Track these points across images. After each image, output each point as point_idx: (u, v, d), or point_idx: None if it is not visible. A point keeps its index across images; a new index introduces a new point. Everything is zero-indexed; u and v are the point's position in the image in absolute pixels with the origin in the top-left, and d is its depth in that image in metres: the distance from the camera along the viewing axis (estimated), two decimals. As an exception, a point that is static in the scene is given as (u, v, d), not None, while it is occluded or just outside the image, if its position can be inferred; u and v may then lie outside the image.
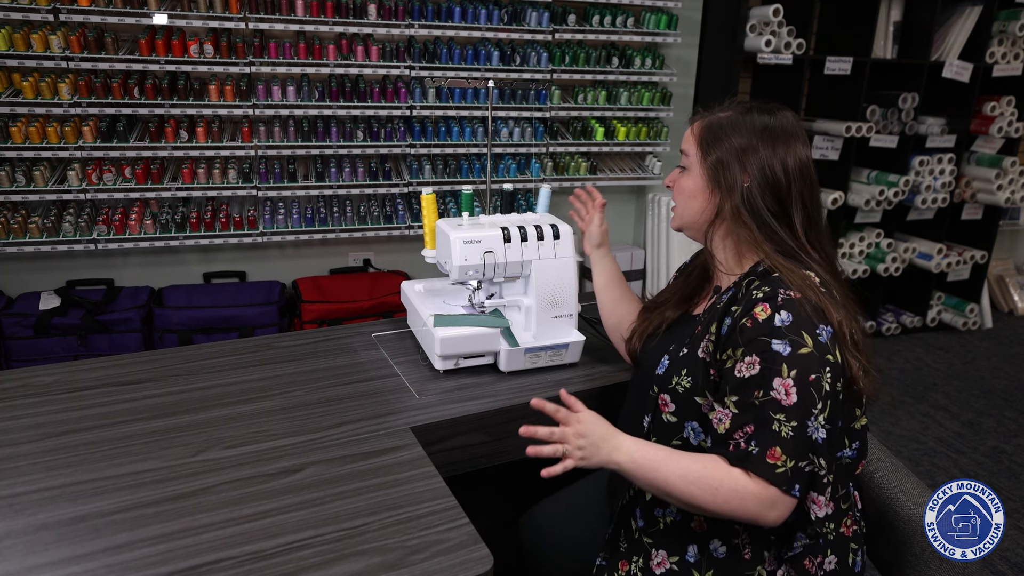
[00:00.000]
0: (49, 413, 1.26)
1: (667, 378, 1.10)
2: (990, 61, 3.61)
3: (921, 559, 1.05)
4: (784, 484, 0.93)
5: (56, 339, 2.52)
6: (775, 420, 0.94)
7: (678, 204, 1.20)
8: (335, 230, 2.86)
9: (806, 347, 0.96)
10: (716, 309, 1.09)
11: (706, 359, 1.06)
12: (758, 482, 0.94)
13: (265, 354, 1.51)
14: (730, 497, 0.94)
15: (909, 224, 3.88)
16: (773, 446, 0.94)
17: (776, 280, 1.02)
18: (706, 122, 1.16)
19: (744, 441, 0.96)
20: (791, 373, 0.95)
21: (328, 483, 1.09)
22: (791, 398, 0.94)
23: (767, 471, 0.93)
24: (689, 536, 1.08)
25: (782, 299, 0.99)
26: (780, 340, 0.96)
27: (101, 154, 2.52)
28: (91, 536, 0.96)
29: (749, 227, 1.09)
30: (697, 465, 0.97)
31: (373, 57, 2.75)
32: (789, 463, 0.93)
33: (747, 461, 0.95)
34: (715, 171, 1.13)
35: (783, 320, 0.97)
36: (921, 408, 3.09)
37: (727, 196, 1.11)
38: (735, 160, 1.11)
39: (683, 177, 1.19)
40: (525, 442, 1.40)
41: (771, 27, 3.18)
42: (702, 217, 1.16)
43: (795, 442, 0.93)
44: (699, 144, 1.15)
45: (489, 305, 1.48)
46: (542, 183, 2.14)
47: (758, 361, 0.97)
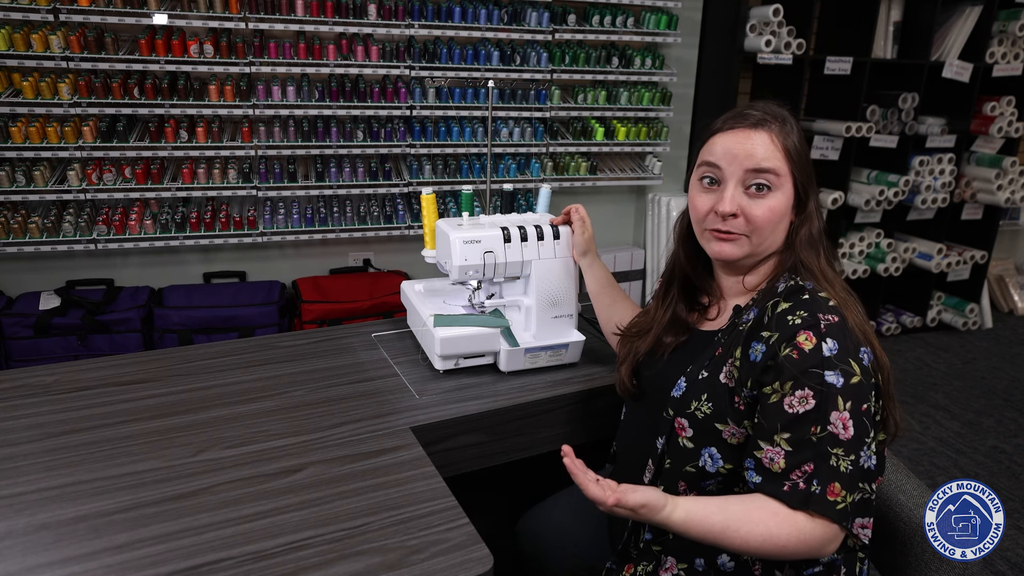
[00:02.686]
0: (49, 413, 1.25)
1: (685, 402, 1.05)
2: (990, 61, 3.61)
3: (922, 559, 1.05)
4: (844, 520, 0.91)
5: (56, 339, 2.52)
6: (833, 455, 0.91)
7: (761, 231, 1.05)
8: (335, 230, 2.86)
9: (856, 375, 0.93)
10: (739, 331, 1.03)
11: (729, 384, 1.01)
12: (820, 522, 0.91)
13: (265, 354, 1.51)
14: (798, 548, 0.91)
15: (909, 224, 3.88)
16: (833, 482, 0.90)
17: (808, 303, 0.98)
18: (785, 131, 1.06)
19: (804, 481, 0.91)
20: (847, 406, 0.91)
21: (328, 483, 1.09)
22: (848, 432, 0.91)
23: (829, 509, 0.90)
24: (697, 548, 1.05)
25: (825, 326, 0.94)
26: (832, 371, 0.92)
27: (101, 154, 2.52)
28: (91, 536, 0.96)
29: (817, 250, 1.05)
30: (760, 528, 0.91)
31: (373, 57, 2.75)
32: (848, 498, 0.91)
33: (809, 503, 0.91)
34: (805, 192, 1.06)
35: (831, 349, 0.93)
36: (921, 408, 3.09)
37: (809, 220, 1.06)
38: (814, 180, 1.06)
39: (769, 199, 1.04)
40: (525, 442, 1.41)
41: (771, 27, 3.18)
42: (778, 243, 1.08)
43: (852, 475, 0.91)
44: (788, 158, 1.04)
45: (489, 305, 1.48)
46: (542, 183, 2.14)
47: (812, 395, 0.92)
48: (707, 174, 1.09)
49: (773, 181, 1.04)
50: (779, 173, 1.04)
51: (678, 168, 3.51)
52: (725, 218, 1.05)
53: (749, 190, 1.05)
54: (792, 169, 1.05)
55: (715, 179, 1.08)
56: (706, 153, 1.09)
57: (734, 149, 1.05)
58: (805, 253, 1.05)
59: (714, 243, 1.09)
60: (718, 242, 1.08)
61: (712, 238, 1.09)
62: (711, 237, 1.09)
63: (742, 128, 1.06)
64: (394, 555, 0.94)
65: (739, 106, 1.11)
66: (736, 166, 1.05)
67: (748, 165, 1.04)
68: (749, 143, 1.04)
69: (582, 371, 1.49)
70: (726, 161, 1.05)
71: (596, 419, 1.45)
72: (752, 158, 1.04)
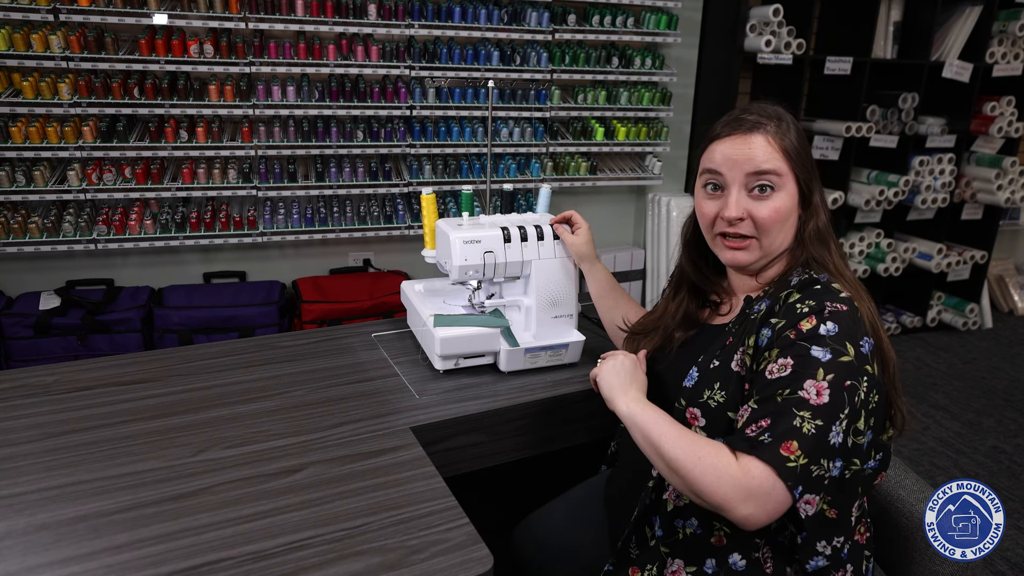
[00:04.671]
0: (49, 413, 1.25)
1: (697, 391, 1.05)
2: (990, 61, 3.61)
3: (925, 555, 1.05)
4: (790, 479, 0.87)
5: (56, 339, 2.52)
6: (797, 416, 0.90)
7: (769, 232, 1.06)
8: (335, 230, 2.86)
9: (847, 356, 0.92)
10: (751, 321, 1.03)
11: (741, 372, 1.01)
12: (752, 468, 0.88)
13: (265, 354, 1.51)
14: (707, 471, 0.90)
15: (909, 224, 3.88)
16: (790, 440, 0.89)
17: (819, 292, 0.99)
18: (782, 131, 1.06)
19: (757, 433, 0.91)
20: (826, 377, 0.91)
21: (328, 483, 1.09)
22: (822, 398, 0.90)
23: (777, 460, 0.88)
24: (708, 550, 1.04)
25: (829, 312, 0.95)
26: (821, 348, 0.93)
27: (101, 154, 2.52)
28: (91, 536, 0.96)
29: (827, 243, 1.06)
30: (694, 437, 0.95)
31: (373, 57, 2.75)
32: (802, 460, 0.88)
33: (753, 448, 0.90)
34: (808, 188, 1.07)
35: (828, 330, 0.94)
36: (921, 408, 3.09)
37: (815, 214, 1.07)
38: (816, 174, 1.07)
39: (773, 199, 1.05)
40: (525, 442, 1.41)
41: (771, 27, 3.18)
42: (789, 240, 1.09)
43: (815, 441, 0.88)
44: (787, 157, 1.05)
45: (489, 305, 1.48)
46: (542, 183, 2.14)
47: (791, 364, 0.93)
48: (710, 181, 1.10)
49: (775, 181, 1.05)
50: (780, 173, 1.05)
51: (678, 168, 3.51)
52: (732, 223, 1.07)
53: (752, 192, 1.06)
54: (793, 167, 1.06)
55: (718, 185, 1.09)
56: (707, 160, 1.11)
57: (733, 155, 1.06)
58: (816, 248, 1.06)
59: (726, 252, 1.10)
60: (730, 251, 1.10)
61: (723, 246, 1.10)
62: (722, 245, 1.11)
63: (739, 134, 1.07)
64: (394, 555, 0.94)
65: (735, 110, 1.12)
66: (737, 171, 1.06)
67: (748, 169, 1.05)
68: (747, 148, 1.05)
69: (582, 371, 1.49)
70: (727, 167, 1.07)
71: (596, 419, 1.45)
72: (752, 162, 1.05)
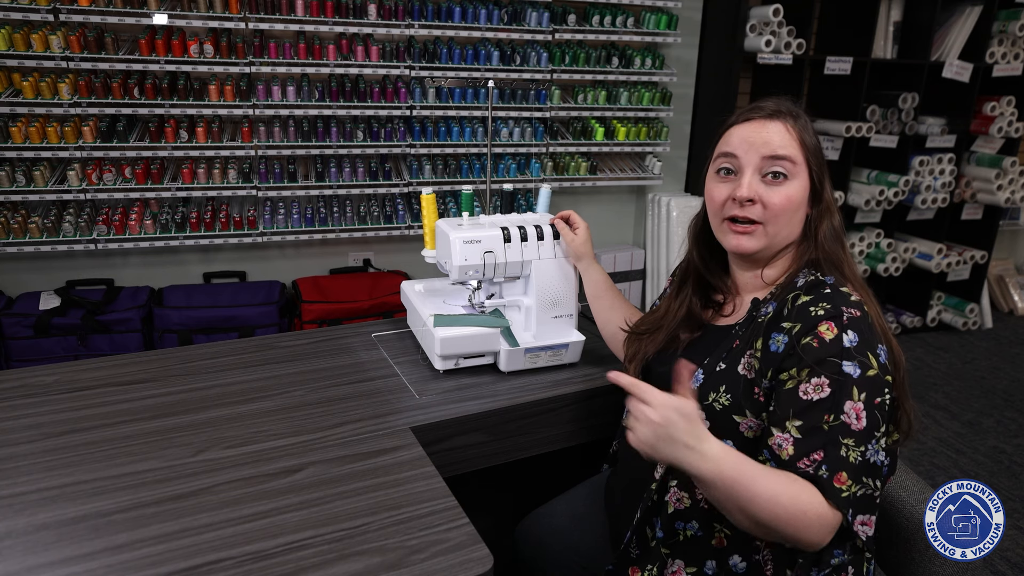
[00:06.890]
0: (49, 413, 1.25)
1: (703, 394, 1.05)
2: (990, 61, 3.61)
3: (925, 555, 1.05)
4: (846, 508, 0.90)
5: (56, 339, 2.52)
6: (843, 445, 0.91)
7: (777, 219, 1.06)
8: (335, 230, 2.86)
9: (872, 368, 0.93)
10: (758, 323, 1.03)
11: (748, 376, 1.01)
12: (822, 501, 0.90)
13: (265, 354, 1.51)
14: (813, 521, 0.88)
15: (909, 224, 3.88)
16: (840, 471, 0.90)
17: (830, 295, 0.98)
18: (800, 124, 1.07)
19: (813, 468, 0.91)
20: (861, 396, 0.91)
21: (328, 483, 1.09)
22: (861, 423, 0.91)
23: (835, 495, 0.89)
24: (709, 551, 1.04)
25: (847, 318, 0.95)
26: (850, 362, 0.92)
27: (101, 154, 2.52)
28: (91, 536, 0.96)
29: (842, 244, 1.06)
30: (789, 487, 0.89)
31: (373, 57, 2.75)
32: (853, 488, 0.90)
33: (818, 484, 0.90)
34: (820, 183, 1.06)
35: (851, 340, 0.93)
36: (921, 408, 3.09)
37: (830, 214, 1.07)
38: (828, 173, 1.07)
39: (786, 187, 1.05)
40: (525, 442, 1.41)
41: (771, 27, 3.18)
42: (795, 234, 1.08)
43: (859, 468, 0.91)
44: (804, 147, 1.05)
45: (489, 305, 1.48)
46: (542, 183, 2.14)
47: (827, 384, 0.92)
48: (724, 164, 1.10)
49: (789, 169, 1.05)
50: (795, 161, 1.05)
51: (678, 168, 3.51)
52: (743, 204, 1.06)
53: (766, 178, 1.06)
54: (808, 158, 1.06)
55: (732, 169, 1.09)
56: (723, 144, 1.11)
57: (751, 137, 1.07)
58: (831, 247, 1.06)
59: (731, 236, 1.10)
60: (735, 236, 1.09)
61: (729, 231, 1.10)
62: (728, 230, 1.10)
63: (758, 118, 1.08)
64: (394, 555, 0.94)
65: (754, 101, 1.13)
66: (753, 153, 1.06)
67: (765, 152, 1.05)
68: (765, 132, 1.06)
69: (582, 371, 1.49)
70: (743, 149, 1.07)
71: (596, 419, 1.45)
72: (768, 145, 1.05)
